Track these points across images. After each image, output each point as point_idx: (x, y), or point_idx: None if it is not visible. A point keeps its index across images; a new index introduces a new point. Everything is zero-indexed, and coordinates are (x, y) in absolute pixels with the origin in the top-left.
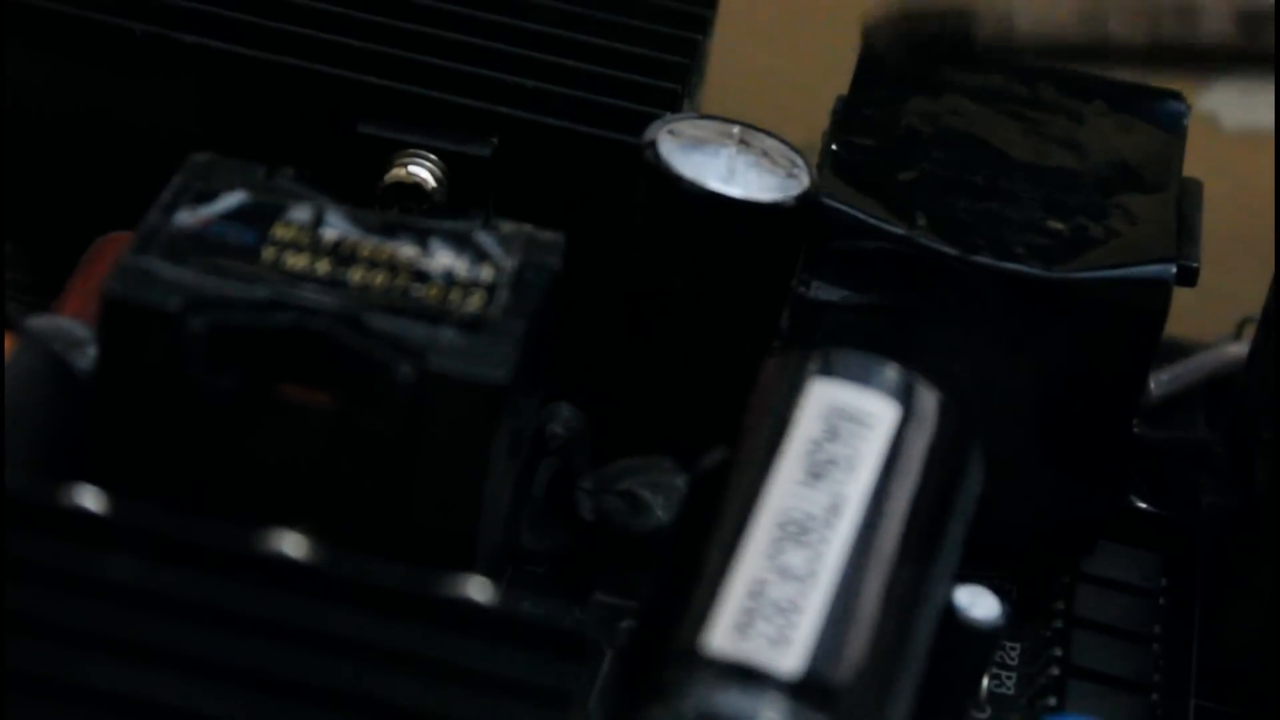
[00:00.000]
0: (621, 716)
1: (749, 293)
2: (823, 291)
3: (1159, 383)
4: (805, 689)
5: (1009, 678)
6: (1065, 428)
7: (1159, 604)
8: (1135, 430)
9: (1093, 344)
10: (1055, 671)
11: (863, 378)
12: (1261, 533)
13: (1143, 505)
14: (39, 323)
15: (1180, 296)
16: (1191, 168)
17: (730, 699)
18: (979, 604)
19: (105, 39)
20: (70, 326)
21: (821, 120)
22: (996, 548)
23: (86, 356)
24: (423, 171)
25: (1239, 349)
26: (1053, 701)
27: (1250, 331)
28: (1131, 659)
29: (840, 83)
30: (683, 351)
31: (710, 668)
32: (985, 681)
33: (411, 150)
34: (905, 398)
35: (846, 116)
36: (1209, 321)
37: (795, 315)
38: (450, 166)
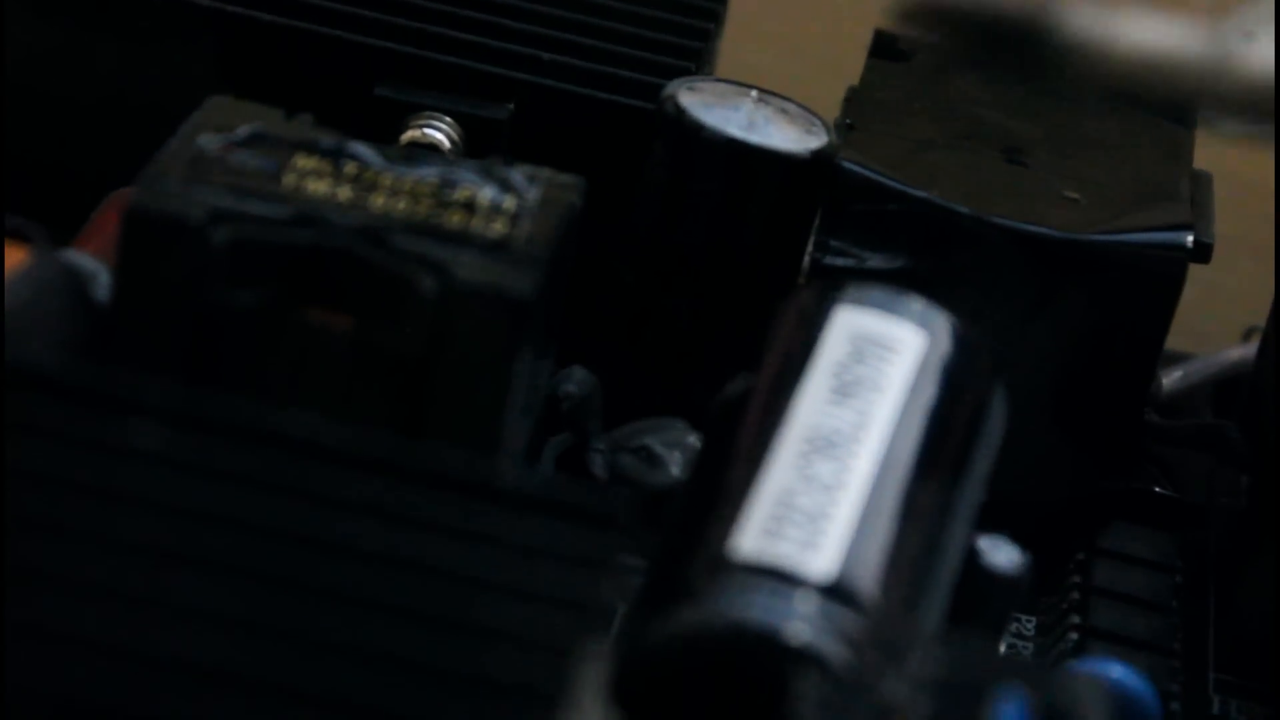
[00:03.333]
0: (651, 620)
1: (768, 247)
2: (840, 256)
3: (1169, 380)
4: (836, 591)
5: (1025, 648)
6: (1082, 396)
7: (1175, 580)
8: (1148, 418)
9: (1110, 309)
10: (1074, 637)
11: (888, 306)
12: (1275, 514)
13: (1156, 489)
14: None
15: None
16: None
17: (761, 599)
18: (1000, 551)
19: (120, 2)
20: (82, 259)
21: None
22: (1011, 518)
23: (100, 288)
24: (438, 134)
25: (1246, 351)
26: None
27: (1257, 339)
28: (1151, 626)
29: (845, 81)
30: (700, 309)
31: (740, 570)
32: (1002, 647)
33: (427, 113)
34: (931, 327)
35: (859, 99)
36: (1209, 319)
37: (813, 279)
38: (466, 129)
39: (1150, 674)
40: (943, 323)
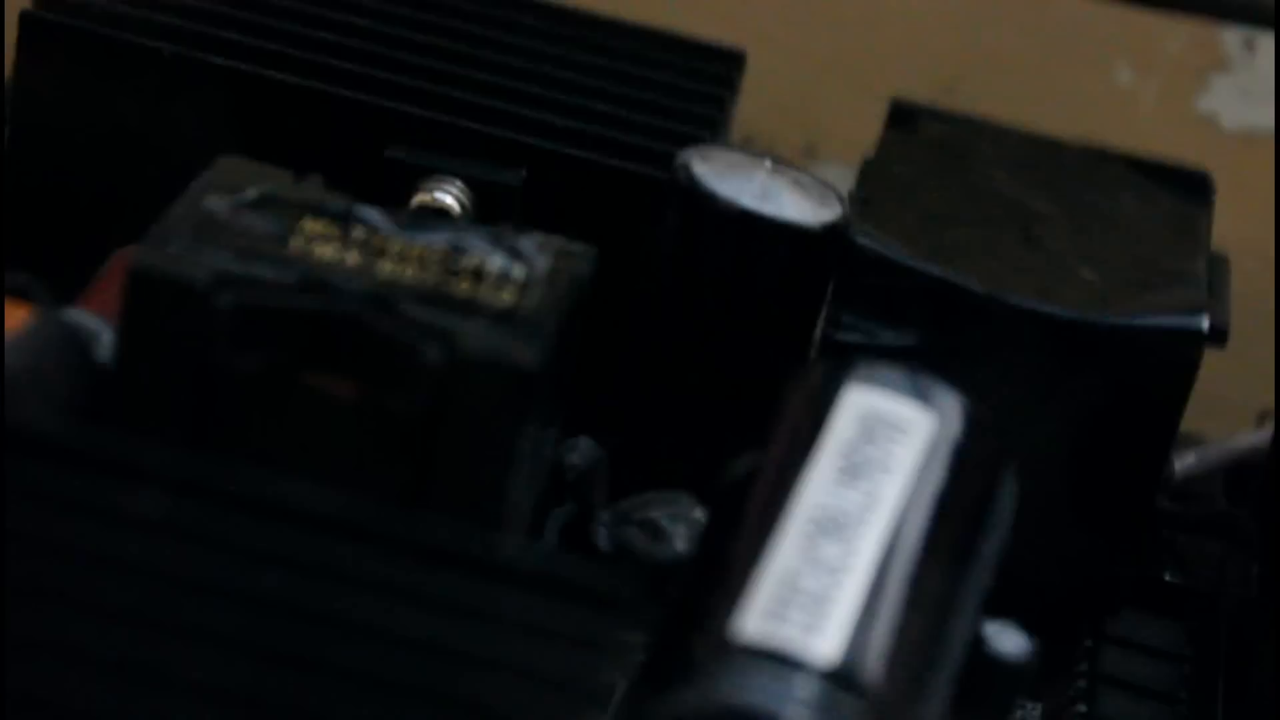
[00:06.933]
0: (652, 699)
1: (779, 319)
2: (852, 331)
3: (1182, 464)
4: (838, 677)
5: None
6: (1094, 478)
7: (1184, 670)
8: (1160, 503)
9: (1123, 392)
10: None
11: (899, 386)
12: None
13: (1167, 578)
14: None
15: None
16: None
17: (762, 683)
18: (1006, 638)
19: (134, 60)
20: (85, 318)
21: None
22: (1019, 601)
23: (102, 348)
24: (449, 198)
25: (1260, 437)
26: None
27: (1271, 423)
28: (1158, 716)
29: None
30: (709, 380)
31: (742, 652)
32: None
33: (438, 176)
34: (941, 408)
35: (874, 171)
36: (1224, 399)
37: (824, 355)
38: (477, 194)
39: None
40: (953, 404)
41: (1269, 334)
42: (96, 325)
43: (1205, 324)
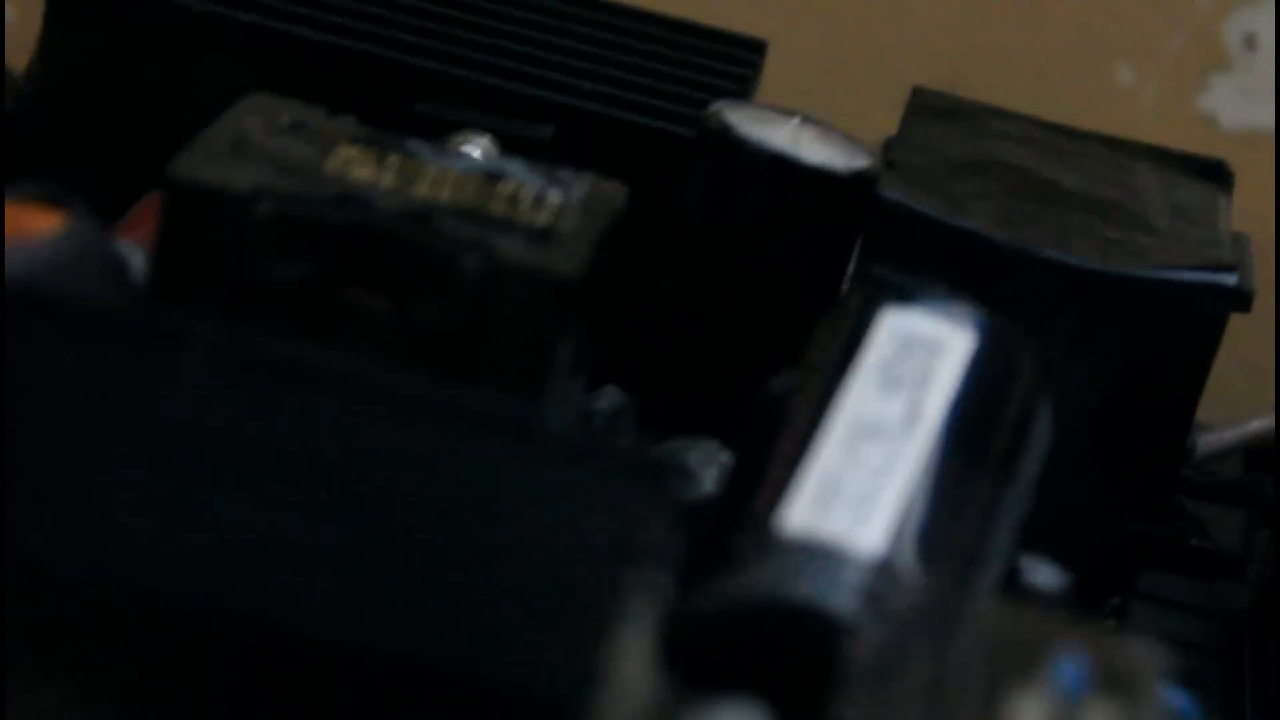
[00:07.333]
0: (699, 590)
1: (807, 264)
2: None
3: (1203, 441)
4: (884, 568)
5: None
6: (1119, 434)
7: (1213, 626)
8: (1183, 473)
9: (1150, 346)
10: None
11: (936, 309)
12: None
13: (1192, 541)
14: None
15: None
16: None
17: (809, 573)
18: (1042, 572)
19: (163, 16)
20: (118, 244)
21: None
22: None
23: (135, 272)
24: (477, 152)
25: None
26: None
27: None
28: (1190, 665)
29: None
30: (737, 325)
31: (787, 545)
32: None
33: (466, 130)
34: (979, 330)
35: (898, 146)
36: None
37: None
38: (506, 149)
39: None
40: (991, 327)
41: (1269, 334)
42: (129, 249)
43: (1234, 280)
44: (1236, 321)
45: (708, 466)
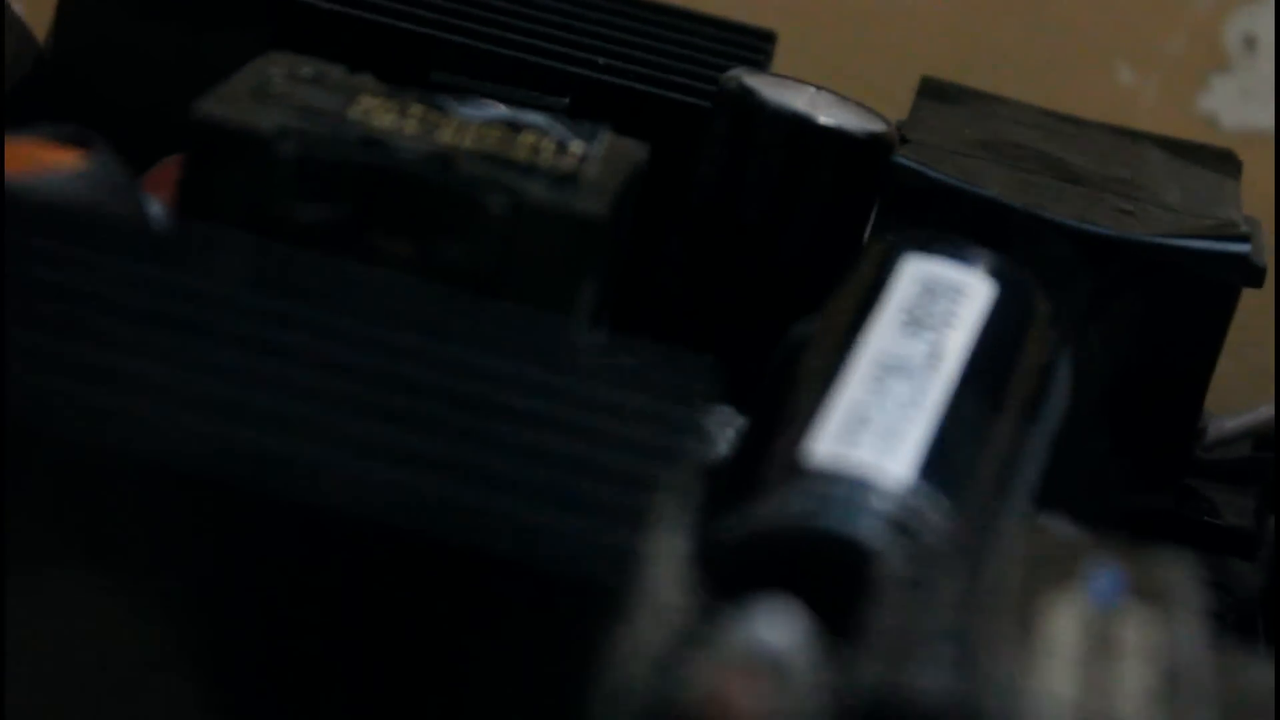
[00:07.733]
0: (728, 517)
1: (824, 226)
2: None
3: (1214, 426)
4: (911, 496)
5: None
6: (1132, 403)
7: (1228, 597)
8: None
9: (1165, 315)
10: None
11: (958, 255)
12: None
13: (1205, 519)
14: None
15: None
16: None
17: (837, 500)
18: (1059, 526)
19: None
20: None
21: None
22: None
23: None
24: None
25: None
26: None
27: None
28: None
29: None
30: (754, 287)
31: (815, 474)
32: None
33: (483, 101)
34: (1001, 278)
35: (910, 126)
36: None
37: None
38: None
39: None
40: (1013, 275)
41: (1269, 334)
42: (148, 199)
43: (1247, 248)
44: (1237, 322)
45: (723, 430)
